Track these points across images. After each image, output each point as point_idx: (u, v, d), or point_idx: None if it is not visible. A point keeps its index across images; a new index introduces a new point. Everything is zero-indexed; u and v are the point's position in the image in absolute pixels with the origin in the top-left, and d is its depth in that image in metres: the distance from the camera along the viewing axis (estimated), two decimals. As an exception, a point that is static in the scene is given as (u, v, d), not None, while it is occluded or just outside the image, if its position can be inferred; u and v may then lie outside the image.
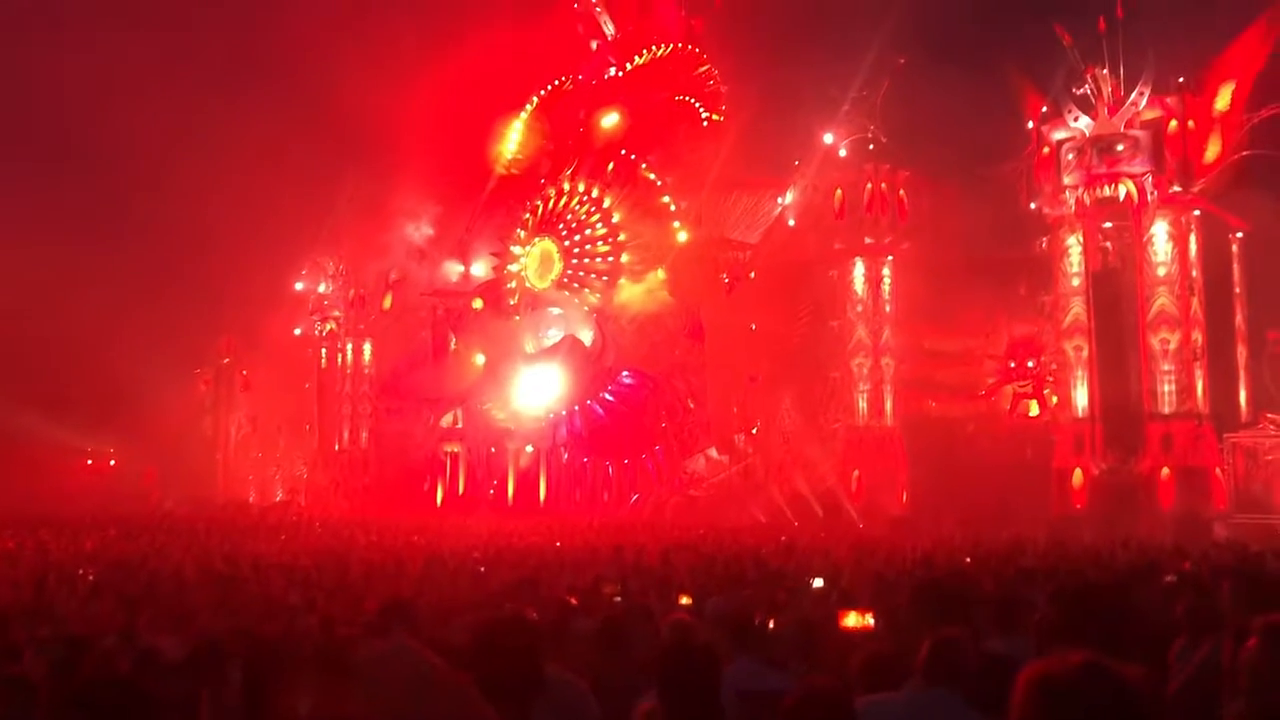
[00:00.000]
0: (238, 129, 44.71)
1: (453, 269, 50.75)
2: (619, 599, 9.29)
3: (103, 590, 10.33)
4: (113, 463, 60.38)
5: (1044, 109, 35.39)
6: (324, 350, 54.30)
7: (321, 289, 53.87)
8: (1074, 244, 35.06)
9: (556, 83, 47.46)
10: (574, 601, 7.90)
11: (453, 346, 48.58)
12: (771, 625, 5.88)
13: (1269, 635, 3.47)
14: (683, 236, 44.44)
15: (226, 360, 59.69)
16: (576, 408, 43.90)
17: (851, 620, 4.81)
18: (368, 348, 52.71)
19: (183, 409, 58.30)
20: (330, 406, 53.45)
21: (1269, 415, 33.23)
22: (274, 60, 45.76)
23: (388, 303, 51.48)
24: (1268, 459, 32.76)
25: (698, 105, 45.88)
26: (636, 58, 45.37)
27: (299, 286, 54.90)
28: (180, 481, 55.65)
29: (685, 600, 8.78)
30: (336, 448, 52.78)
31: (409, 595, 9.81)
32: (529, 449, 45.12)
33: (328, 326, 53.63)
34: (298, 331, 55.67)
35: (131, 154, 48.88)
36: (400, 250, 51.17)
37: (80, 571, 14.29)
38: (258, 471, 58.26)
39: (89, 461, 60.81)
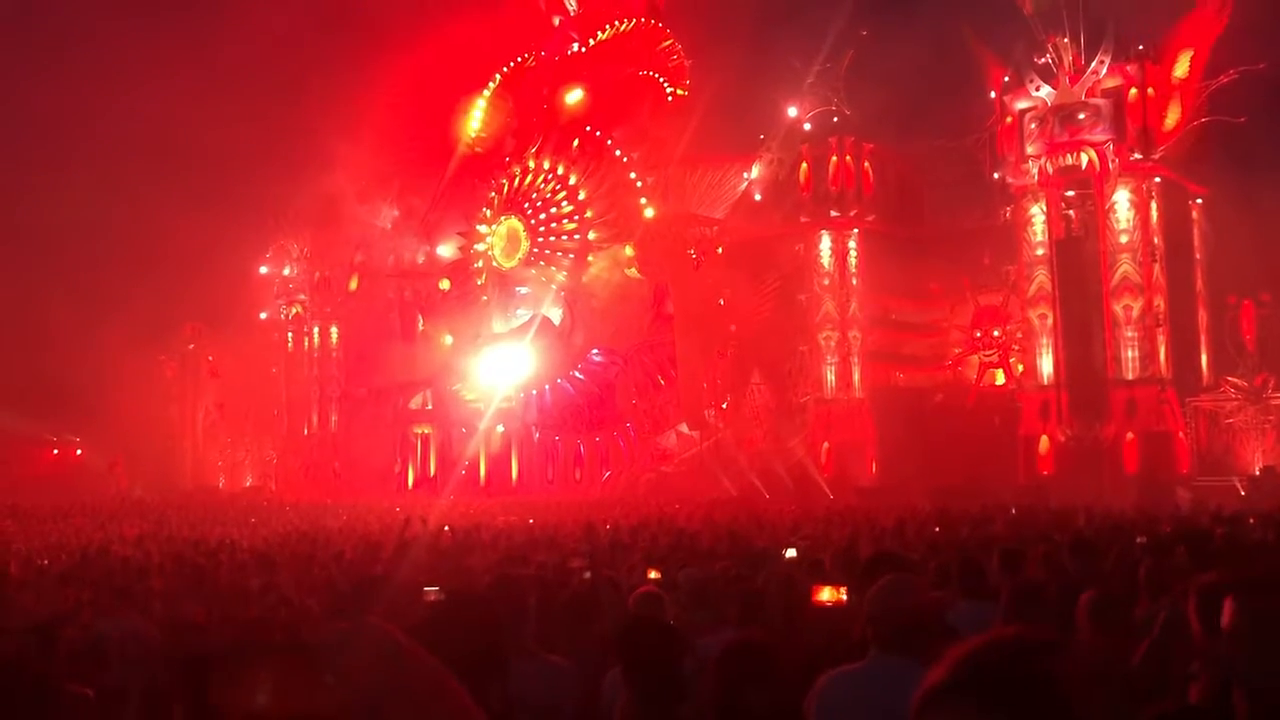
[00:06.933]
0: (200, 113, 44.17)
1: (418, 249, 50.42)
2: (588, 574, 9.31)
3: (68, 579, 10.23)
4: (79, 452, 59.62)
5: (1006, 79, 35.53)
6: (290, 334, 53.87)
7: (286, 272, 53.39)
8: (1037, 213, 35.29)
9: (519, 59, 47.07)
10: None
11: (420, 328, 48.33)
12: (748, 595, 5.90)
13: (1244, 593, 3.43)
14: (649, 212, 44.36)
15: (192, 346, 59.06)
16: (547, 387, 43.83)
17: (825, 595, 4.79)
18: (334, 330, 52.32)
19: (149, 396, 57.64)
20: (298, 390, 53.07)
21: (1229, 379, 33.69)
22: (235, 43, 45.07)
23: (353, 285, 51.08)
24: (1228, 422, 33.28)
25: (661, 80, 45.69)
26: (599, 33, 45.07)
27: (264, 270, 54.40)
28: (148, 469, 55.12)
29: (654, 574, 8.80)
30: (305, 432, 52.46)
31: (382, 575, 9.79)
32: (500, 429, 45.02)
33: (293, 310, 53.18)
34: (263, 315, 55.21)
35: (92, 140, 48.18)
36: (365, 232, 50.76)
37: (45, 562, 14.14)
38: (226, 457, 57.85)
39: (55, 451, 60.05)
